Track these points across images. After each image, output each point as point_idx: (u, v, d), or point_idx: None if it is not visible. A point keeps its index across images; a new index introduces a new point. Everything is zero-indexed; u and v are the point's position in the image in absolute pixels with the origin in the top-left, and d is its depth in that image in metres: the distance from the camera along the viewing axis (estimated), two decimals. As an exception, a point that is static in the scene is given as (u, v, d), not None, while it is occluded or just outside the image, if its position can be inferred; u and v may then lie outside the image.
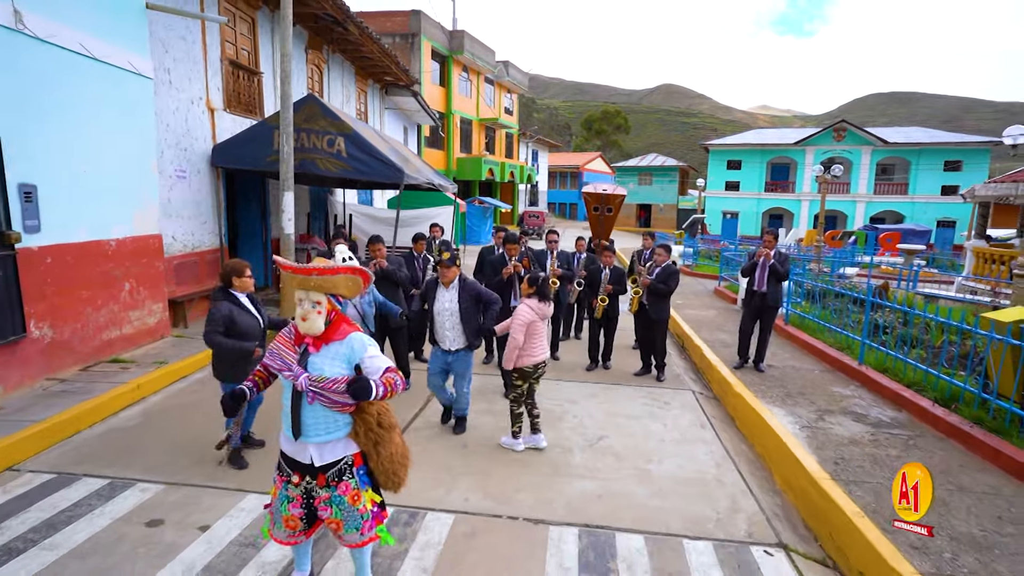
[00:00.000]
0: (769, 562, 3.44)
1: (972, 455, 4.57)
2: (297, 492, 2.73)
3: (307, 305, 2.61)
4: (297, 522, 2.77)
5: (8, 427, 4.57)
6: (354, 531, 2.73)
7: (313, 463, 2.66)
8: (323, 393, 2.55)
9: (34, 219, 5.57)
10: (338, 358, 2.62)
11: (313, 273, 2.60)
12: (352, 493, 2.70)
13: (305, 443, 2.65)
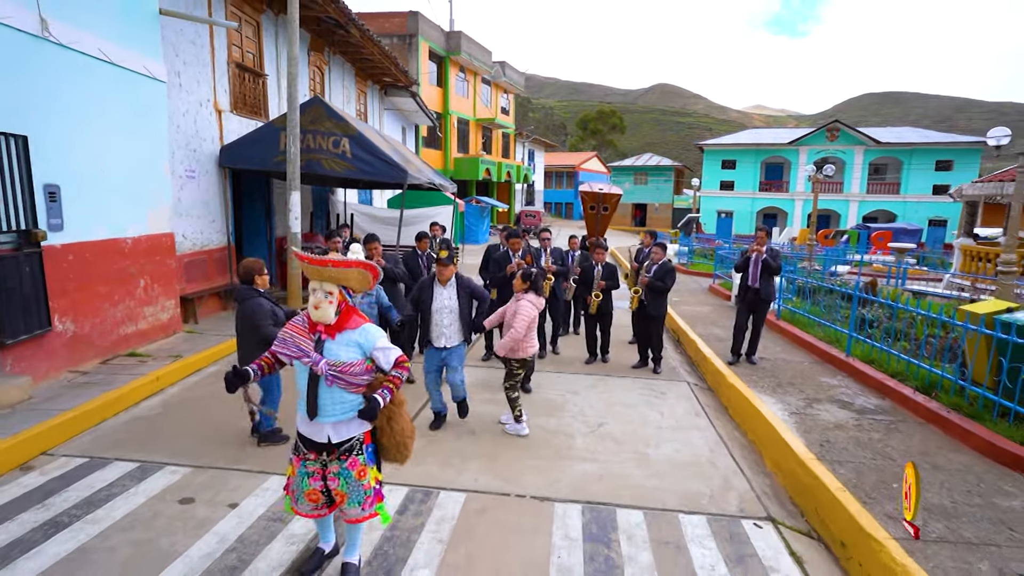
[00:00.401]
0: (758, 533, 3.73)
1: (949, 438, 4.87)
2: (316, 467, 2.93)
3: (320, 295, 2.81)
4: (319, 495, 2.96)
5: (40, 415, 4.82)
6: (356, 506, 2.94)
7: (330, 441, 2.87)
8: (341, 376, 2.77)
9: (57, 218, 5.81)
10: (352, 346, 2.83)
11: (328, 265, 2.79)
12: (359, 468, 2.92)
13: (322, 423, 2.85)
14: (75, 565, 3.18)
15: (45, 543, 3.36)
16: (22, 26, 5.26)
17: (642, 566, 3.34)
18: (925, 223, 35.62)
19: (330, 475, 2.93)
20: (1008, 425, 4.58)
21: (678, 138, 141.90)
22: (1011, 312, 4.87)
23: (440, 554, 3.39)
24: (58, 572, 3.11)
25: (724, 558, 3.44)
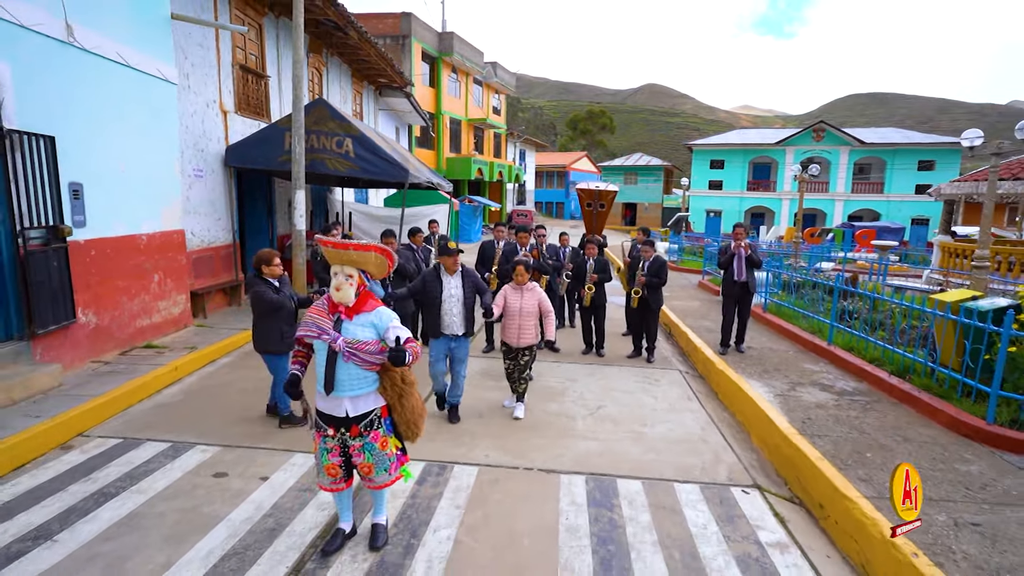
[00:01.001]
0: (745, 498, 4.11)
1: (919, 415, 5.30)
2: (334, 443, 3.16)
3: (341, 277, 3.04)
4: (337, 470, 3.20)
5: (72, 400, 5.11)
6: (383, 472, 3.21)
7: (348, 415, 3.10)
8: (357, 353, 3.01)
9: (81, 214, 6.09)
10: (367, 326, 3.08)
11: (349, 249, 3.02)
12: (381, 440, 3.18)
13: (339, 397, 3.07)
14: (130, 527, 3.50)
15: (98, 510, 3.67)
16: (50, 32, 5.54)
17: (642, 525, 3.71)
18: (908, 222, 36.45)
19: (354, 451, 3.16)
20: (971, 402, 5.01)
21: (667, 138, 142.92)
22: (975, 300, 5.29)
23: (459, 517, 3.74)
24: (115, 533, 3.43)
25: (715, 518, 3.82)
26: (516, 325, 5.32)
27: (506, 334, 5.41)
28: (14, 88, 5.16)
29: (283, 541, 3.43)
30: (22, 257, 5.26)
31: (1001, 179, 13.46)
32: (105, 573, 3.07)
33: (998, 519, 3.53)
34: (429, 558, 3.30)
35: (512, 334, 5.35)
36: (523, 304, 5.30)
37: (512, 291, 5.36)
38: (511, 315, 5.33)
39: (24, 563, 3.13)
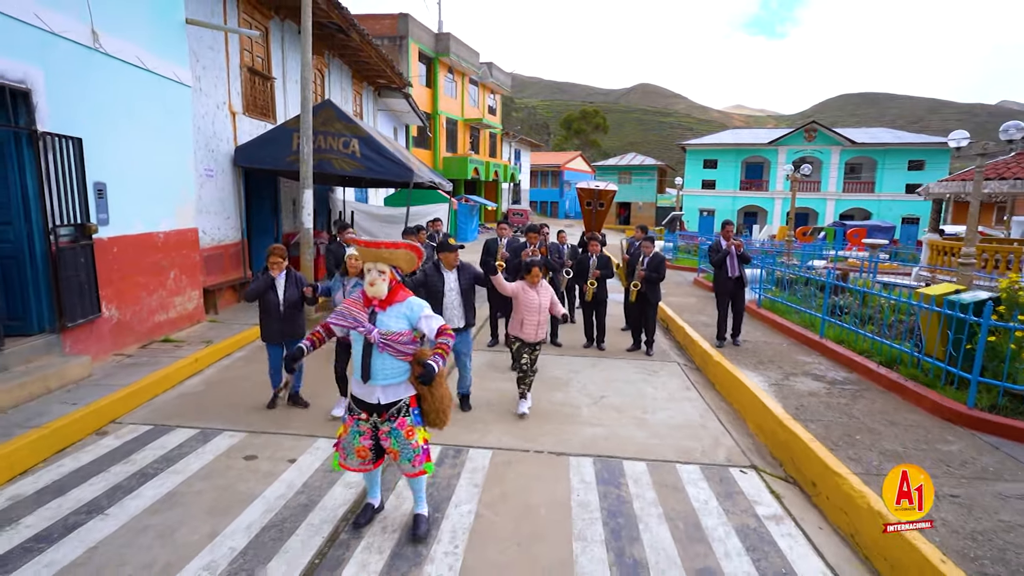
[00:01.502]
0: (743, 478, 4.41)
1: (905, 402, 5.62)
2: (367, 427, 3.34)
3: (375, 273, 3.22)
4: (367, 452, 3.38)
5: (103, 390, 5.35)
6: (407, 462, 3.36)
7: (379, 402, 3.30)
8: (391, 344, 3.20)
9: (104, 213, 6.33)
10: (400, 317, 3.25)
11: (382, 247, 3.22)
12: (407, 429, 3.32)
13: (373, 386, 3.25)
14: (172, 503, 3.76)
15: (140, 488, 3.93)
16: (78, 39, 5.77)
17: (648, 501, 4.00)
18: (899, 221, 36.97)
19: (382, 435, 3.35)
20: (953, 389, 5.34)
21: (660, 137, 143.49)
22: (958, 293, 5.62)
23: (478, 494, 4.02)
24: (160, 508, 3.69)
25: (715, 495, 4.12)
26: (536, 321, 5.42)
27: (524, 330, 5.45)
28: (46, 92, 5.40)
29: (316, 515, 3.70)
30: (54, 253, 5.50)
31: (987, 179, 13.84)
32: (158, 541, 3.33)
33: (975, 491, 3.85)
34: (453, 529, 3.58)
35: (531, 330, 5.43)
36: (541, 301, 5.43)
37: (529, 288, 5.43)
38: (531, 311, 5.40)
39: (84, 532, 3.39)
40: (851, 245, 24.95)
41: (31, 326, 5.52)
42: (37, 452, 4.24)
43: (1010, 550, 3.18)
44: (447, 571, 3.16)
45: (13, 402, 4.79)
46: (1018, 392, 4.96)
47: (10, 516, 3.55)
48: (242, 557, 3.23)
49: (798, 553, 3.45)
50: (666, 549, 3.43)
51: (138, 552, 3.24)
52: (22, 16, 5.11)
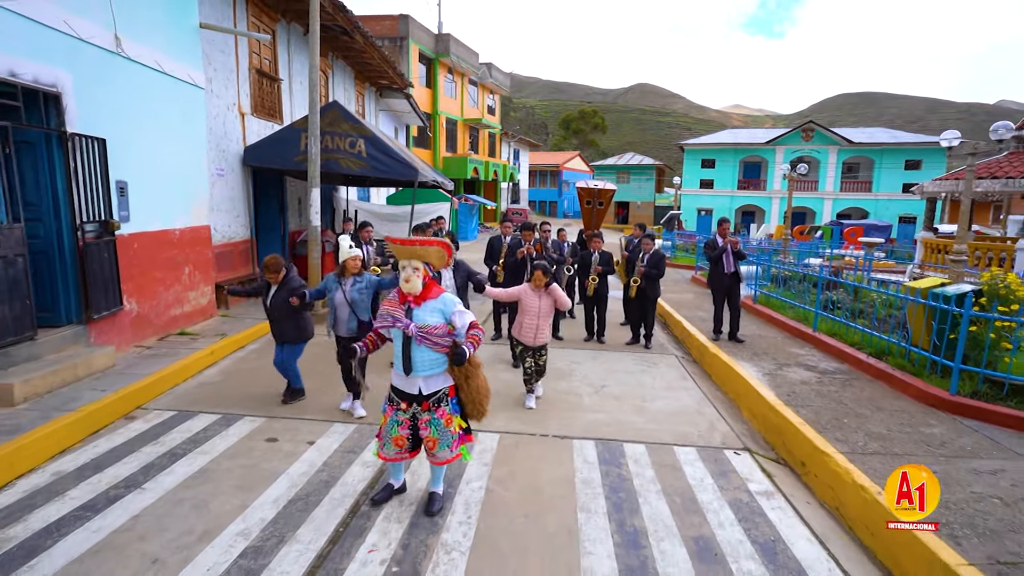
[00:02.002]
0: (737, 459, 4.69)
1: (892, 390, 5.90)
2: (405, 417, 3.53)
3: (409, 270, 3.38)
4: (404, 441, 3.56)
5: (127, 378, 5.61)
6: (445, 448, 3.54)
7: (421, 393, 3.49)
8: (427, 337, 3.38)
9: (125, 210, 6.59)
10: (435, 312, 3.43)
11: (416, 244, 3.43)
12: (447, 417, 3.53)
13: (415, 377, 3.45)
14: (203, 479, 4.03)
15: (172, 465, 4.20)
16: (102, 44, 6.04)
17: (647, 479, 4.27)
18: (895, 220, 37.28)
19: (422, 424, 3.53)
20: (937, 377, 5.61)
21: (658, 137, 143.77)
22: (943, 286, 5.90)
23: (487, 472, 4.29)
24: (192, 483, 3.96)
25: (710, 473, 4.39)
26: (534, 325, 5.50)
27: (523, 333, 5.57)
28: (75, 95, 5.66)
29: (338, 490, 3.96)
30: (81, 249, 5.77)
31: (980, 178, 14.13)
32: (194, 512, 3.60)
33: (951, 468, 4.12)
34: (467, 502, 3.85)
35: (529, 334, 5.53)
36: (541, 305, 5.50)
37: (531, 292, 5.51)
38: (530, 315, 5.50)
39: (125, 503, 3.66)
40: (847, 244, 25.29)
41: (59, 318, 5.79)
42: (74, 433, 4.51)
43: (978, 517, 3.46)
44: (462, 538, 3.43)
45: (48, 388, 5.06)
46: (997, 379, 5.24)
47: (56, 489, 3.82)
48: (272, 525, 3.50)
49: (786, 524, 3.72)
50: (664, 520, 3.70)
51: (177, 520, 3.51)
52: (53, 24, 5.37)
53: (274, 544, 3.31)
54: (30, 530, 3.36)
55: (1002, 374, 5.16)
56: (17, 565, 3.04)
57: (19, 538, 3.28)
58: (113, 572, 3.01)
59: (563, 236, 9.48)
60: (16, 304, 5.06)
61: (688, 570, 3.19)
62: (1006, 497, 3.70)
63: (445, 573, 3.10)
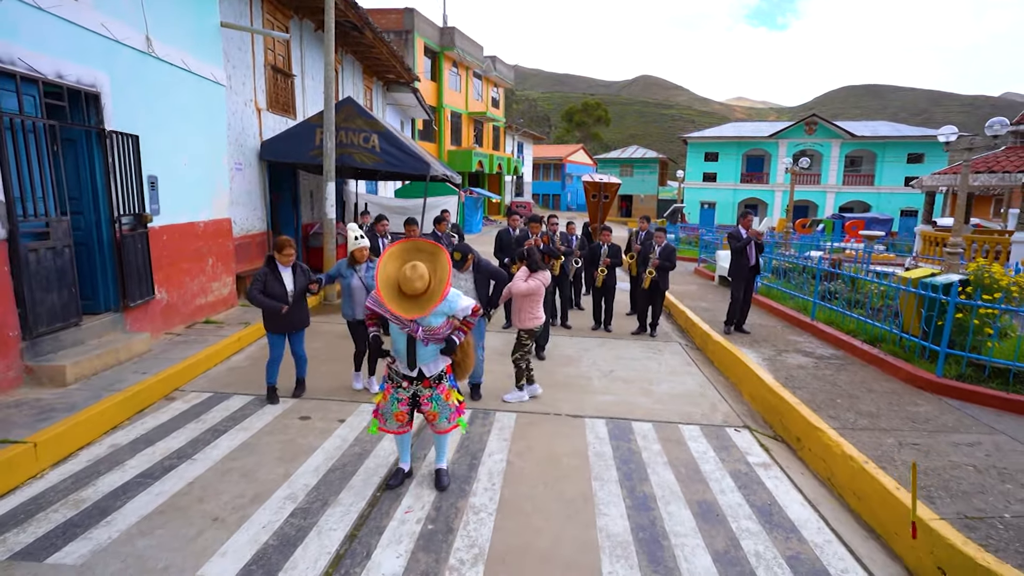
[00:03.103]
0: (737, 435, 5.04)
1: (884, 373, 6.24)
2: (406, 394, 3.75)
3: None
4: (404, 416, 3.80)
5: (164, 363, 5.97)
6: (444, 420, 3.81)
7: (422, 373, 3.73)
8: (432, 337, 3.58)
9: (156, 203, 6.93)
10: (440, 314, 3.58)
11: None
12: (446, 392, 3.81)
13: (418, 366, 3.69)
14: (247, 451, 4.39)
15: (217, 440, 4.56)
16: (135, 45, 6.36)
17: (654, 452, 4.63)
18: (897, 213, 37.48)
19: (424, 400, 3.75)
20: (926, 362, 5.96)
21: (661, 130, 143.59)
22: (933, 276, 6.22)
23: (507, 446, 4.64)
24: (237, 455, 4.32)
25: (712, 448, 4.74)
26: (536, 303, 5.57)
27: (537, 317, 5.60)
28: (112, 94, 5.99)
29: (371, 461, 4.32)
30: (118, 240, 6.12)
31: (978, 172, 14.41)
32: (243, 479, 3.96)
33: (933, 441, 4.47)
34: (490, 472, 4.21)
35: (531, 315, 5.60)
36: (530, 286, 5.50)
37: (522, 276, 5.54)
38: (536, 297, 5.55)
39: (179, 472, 4.03)
40: (849, 237, 25.56)
41: (99, 305, 6.14)
42: (123, 411, 4.88)
43: (953, 481, 3.81)
44: (488, 502, 3.79)
45: (93, 370, 5.42)
46: (979, 362, 5.58)
47: (116, 459, 4.18)
48: (315, 491, 3.86)
49: (782, 490, 4.08)
50: (670, 486, 4.06)
51: (229, 485, 3.87)
52: (92, 27, 5.69)
53: (319, 506, 3.67)
54: (100, 493, 3.73)
55: (984, 357, 5.50)
56: (95, 521, 3.41)
57: (92, 499, 3.64)
58: (180, 528, 3.38)
59: (572, 229, 9.78)
60: (64, 292, 5.42)
61: (693, 528, 3.55)
62: (979, 465, 4.05)
63: (475, 530, 3.46)
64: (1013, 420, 4.93)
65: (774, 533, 3.53)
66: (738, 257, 8.30)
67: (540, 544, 3.35)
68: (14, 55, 4.82)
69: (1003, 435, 4.62)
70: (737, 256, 8.31)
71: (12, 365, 4.94)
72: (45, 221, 5.23)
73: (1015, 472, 3.96)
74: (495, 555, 3.23)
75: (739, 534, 3.50)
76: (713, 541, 3.43)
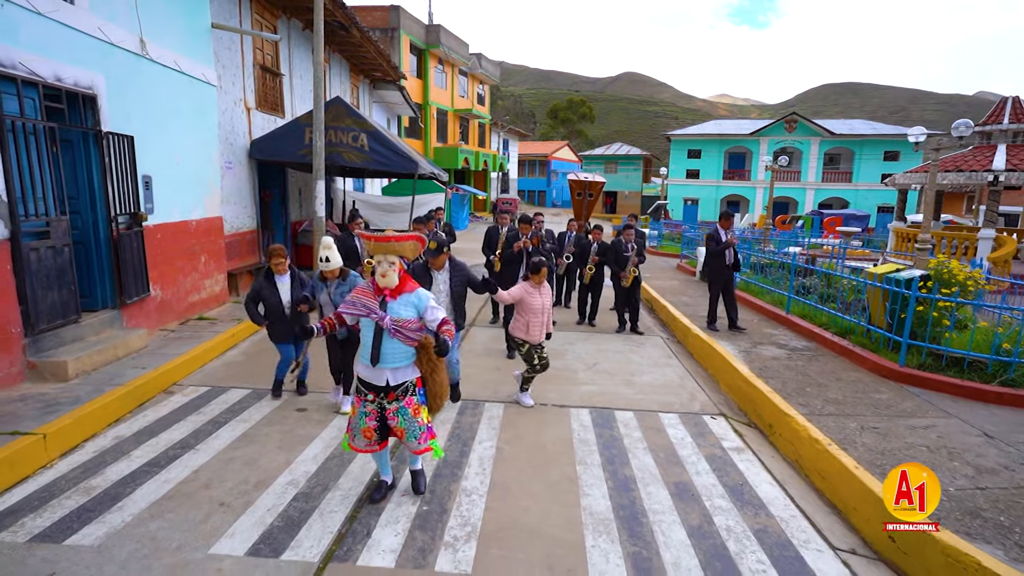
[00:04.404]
0: (713, 423, 5.34)
1: (852, 364, 6.60)
2: (373, 407, 3.55)
3: (385, 265, 3.41)
4: (372, 433, 3.57)
5: (161, 358, 6.13)
6: (413, 440, 3.57)
7: (388, 384, 3.50)
8: (401, 330, 3.42)
9: (150, 203, 7.07)
10: (409, 306, 3.47)
11: (392, 241, 3.44)
12: (414, 407, 3.56)
13: (382, 368, 3.47)
14: (248, 441, 4.60)
15: (218, 431, 4.76)
16: (130, 47, 6.49)
17: (635, 439, 4.91)
18: (874, 210, 38.33)
19: (390, 414, 3.54)
20: (890, 352, 6.32)
21: (645, 126, 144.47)
22: (898, 271, 6.59)
23: (496, 434, 4.90)
24: (239, 444, 4.53)
25: (690, 434, 5.04)
26: (540, 323, 5.37)
27: (531, 332, 5.37)
28: (107, 96, 6.12)
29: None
30: (115, 239, 6.26)
31: (947, 170, 14.93)
32: (246, 467, 4.17)
33: (892, 425, 4.81)
34: (480, 458, 4.46)
35: (536, 332, 5.37)
36: (544, 302, 5.38)
37: (532, 290, 5.34)
38: (536, 313, 5.32)
39: (184, 460, 4.23)
40: (827, 233, 26.19)
41: (96, 302, 6.28)
42: (124, 405, 5.05)
43: (907, 459, 4.14)
44: (479, 484, 4.04)
45: (94, 366, 5.58)
46: (938, 352, 5.95)
47: (121, 450, 4.37)
48: (315, 477, 4.08)
49: (753, 472, 4.38)
50: (650, 469, 4.34)
51: (233, 473, 4.08)
52: (89, 30, 5.82)
53: (320, 491, 3.89)
54: (109, 481, 3.92)
55: (942, 347, 5.88)
56: (107, 507, 3.60)
57: (102, 487, 3.84)
58: (189, 512, 3.59)
59: (572, 226, 9.40)
60: (64, 290, 5.56)
61: (670, 506, 3.83)
62: (931, 445, 4.40)
63: (468, 510, 3.71)
64: (966, 405, 5.30)
65: (744, 510, 3.82)
66: (715, 259, 8.44)
67: (528, 522, 3.61)
68: (15, 59, 4.95)
69: (956, 419, 4.98)
70: (714, 258, 8.45)
71: (15, 361, 5.09)
72: (45, 220, 5.37)
73: (963, 451, 4.30)
74: (487, 532, 3.48)
75: (712, 511, 3.79)
76: (688, 517, 3.71)
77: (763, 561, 3.29)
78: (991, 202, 15.11)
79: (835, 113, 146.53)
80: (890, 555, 3.34)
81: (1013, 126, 15.14)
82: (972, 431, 4.75)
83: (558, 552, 3.31)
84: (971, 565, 2.87)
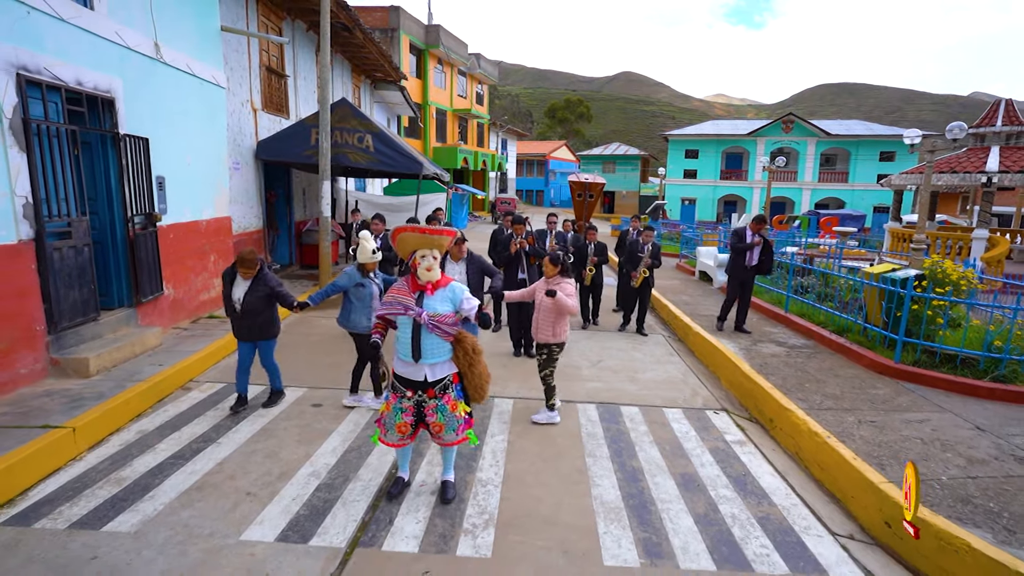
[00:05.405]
0: (716, 417, 5.52)
1: (849, 361, 6.79)
2: (409, 404, 3.61)
3: (430, 259, 3.48)
4: (407, 428, 3.65)
5: (177, 356, 6.28)
6: (452, 432, 3.66)
7: (427, 380, 3.57)
8: (438, 325, 3.49)
9: (164, 203, 7.21)
10: (445, 300, 3.55)
11: (434, 234, 3.49)
12: (452, 403, 3.64)
13: (422, 364, 3.53)
14: (267, 435, 4.76)
15: (237, 425, 4.92)
16: (146, 51, 6.63)
17: (641, 432, 5.09)
18: (870, 210, 38.62)
19: (429, 411, 3.61)
20: (886, 349, 6.51)
21: (642, 126, 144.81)
22: (894, 271, 6.78)
23: (507, 428, 5.07)
24: (259, 438, 4.69)
25: (694, 428, 5.22)
26: (551, 321, 5.04)
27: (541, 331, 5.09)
28: (124, 99, 6.27)
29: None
30: (131, 238, 6.40)
31: (941, 172, 15.16)
32: (268, 459, 4.34)
33: (888, 419, 5.00)
34: (493, 450, 4.63)
35: (547, 330, 5.07)
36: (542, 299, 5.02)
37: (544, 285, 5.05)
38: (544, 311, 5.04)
39: (208, 453, 4.38)
40: (823, 233, 26.43)
41: (113, 301, 6.43)
42: (146, 400, 5.20)
43: (902, 451, 4.33)
44: (494, 476, 4.22)
45: (113, 362, 5.73)
46: (932, 349, 6.15)
47: (147, 443, 4.53)
48: (335, 469, 4.25)
49: (755, 464, 4.56)
50: (656, 461, 4.52)
51: (256, 465, 4.24)
52: (108, 35, 5.96)
53: (341, 482, 4.06)
54: (137, 472, 4.08)
55: (936, 345, 6.08)
56: (139, 496, 3.76)
57: (131, 478, 3.99)
58: (217, 501, 3.75)
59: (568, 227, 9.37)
60: (84, 288, 5.71)
61: (676, 496, 4.01)
62: (925, 438, 4.59)
63: (484, 500, 3.88)
64: (959, 400, 5.50)
65: (747, 499, 4.00)
66: (737, 257, 8.21)
67: (542, 510, 3.78)
68: (40, 64, 5.10)
69: (949, 413, 5.18)
70: (737, 256, 8.22)
71: (40, 358, 5.24)
72: (67, 221, 5.52)
73: (955, 443, 4.50)
74: (503, 520, 3.65)
75: (717, 500, 3.97)
76: (694, 506, 3.89)
77: (766, 546, 3.47)
78: (985, 203, 15.35)
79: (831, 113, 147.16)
80: (886, 540, 3.52)
81: (1006, 128, 15.39)
82: (964, 424, 4.95)
83: (573, 538, 3.48)
84: (962, 547, 3.06)
